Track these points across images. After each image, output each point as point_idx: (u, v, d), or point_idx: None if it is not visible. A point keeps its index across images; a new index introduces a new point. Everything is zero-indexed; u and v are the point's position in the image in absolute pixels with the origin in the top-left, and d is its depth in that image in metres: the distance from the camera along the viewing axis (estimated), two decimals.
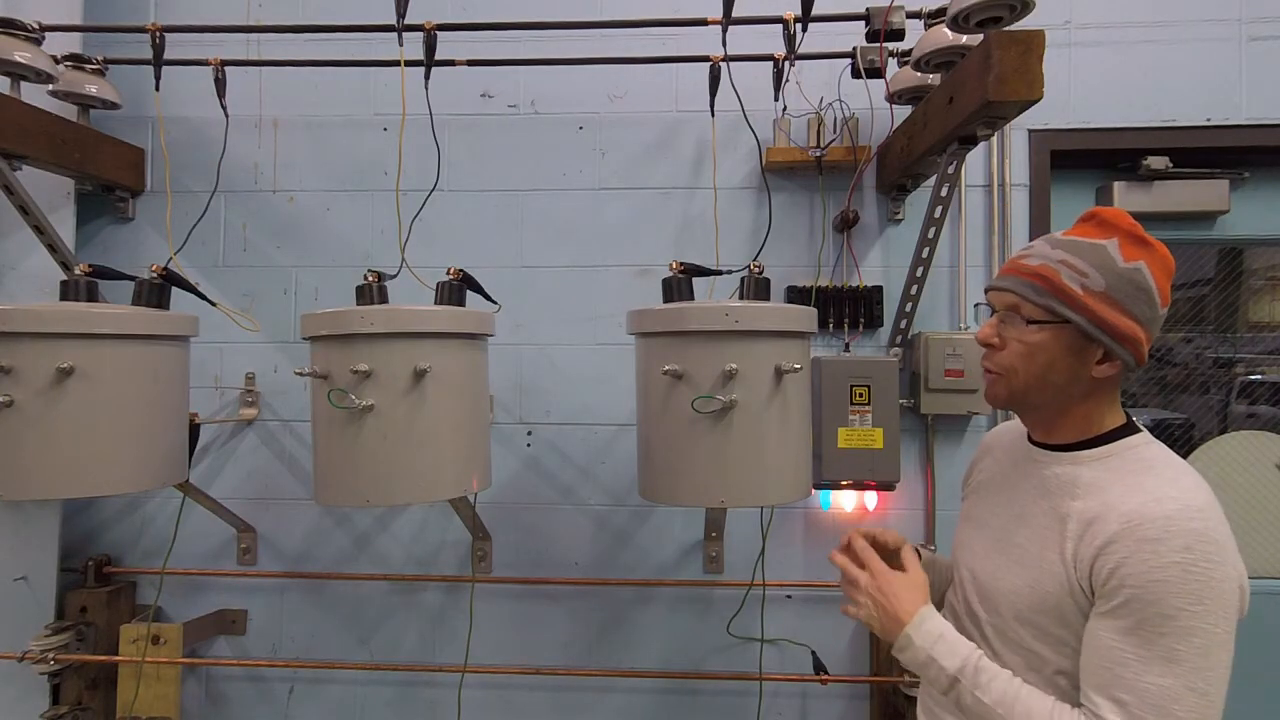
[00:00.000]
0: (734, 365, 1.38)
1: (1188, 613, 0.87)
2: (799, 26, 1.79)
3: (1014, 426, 1.21)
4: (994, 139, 2.04)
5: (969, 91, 1.43)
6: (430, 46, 1.83)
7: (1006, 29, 1.39)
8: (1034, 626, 1.00)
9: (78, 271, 1.65)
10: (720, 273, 1.70)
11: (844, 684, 2.08)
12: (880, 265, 2.11)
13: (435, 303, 1.61)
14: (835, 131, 2.02)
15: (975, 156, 2.08)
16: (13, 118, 1.79)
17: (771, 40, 1.87)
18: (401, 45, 1.78)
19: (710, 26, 1.81)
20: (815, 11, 1.76)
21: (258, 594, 2.19)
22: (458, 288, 1.63)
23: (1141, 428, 1.05)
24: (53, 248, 1.98)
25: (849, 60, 1.91)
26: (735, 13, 1.77)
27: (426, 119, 1.89)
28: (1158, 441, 1.03)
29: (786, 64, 1.87)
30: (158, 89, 1.93)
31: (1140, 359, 1.00)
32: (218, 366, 2.19)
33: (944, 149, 1.63)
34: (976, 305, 2.05)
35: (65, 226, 2.09)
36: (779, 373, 1.41)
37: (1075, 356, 1.00)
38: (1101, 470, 1.00)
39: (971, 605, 1.11)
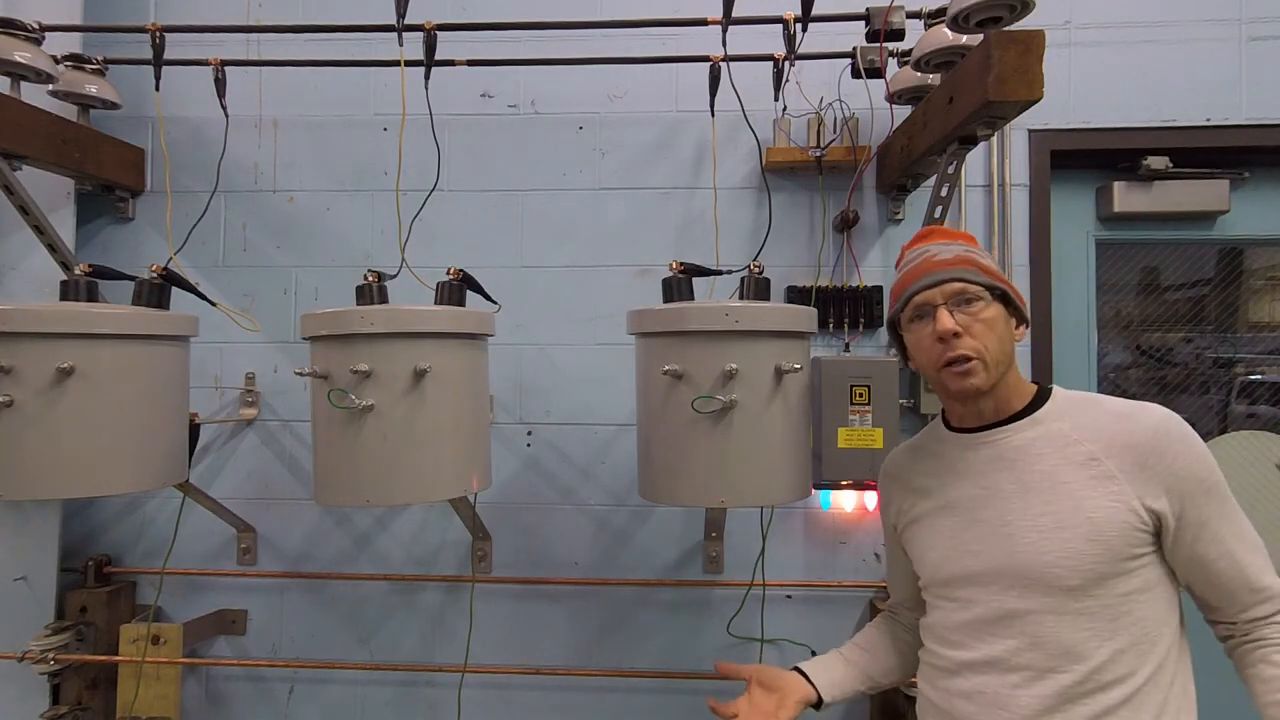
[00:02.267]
0: (734, 365, 1.38)
1: (1217, 474, 1.06)
2: (799, 26, 1.79)
3: (921, 440, 1.28)
4: (994, 139, 2.04)
5: (969, 91, 1.43)
6: (430, 46, 1.83)
7: (1006, 29, 1.38)
8: (1092, 592, 1.03)
9: (78, 271, 1.65)
10: (720, 273, 1.70)
11: None
12: (880, 265, 2.11)
13: (435, 303, 1.61)
14: (835, 131, 2.02)
15: (975, 156, 2.08)
16: (13, 118, 1.79)
17: (771, 40, 1.87)
18: (401, 45, 1.78)
19: (710, 26, 1.81)
20: (815, 11, 1.76)
21: (258, 594, 2.19)
22: (458, 288, 1.63)
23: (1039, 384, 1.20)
24: (53, 248, 1.98)
25: (849, 60, 1.91)
26: (735, 13, 1.77)
27: (426, 119, 1.89)
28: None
29: (786, 64, 1.87)
30: (158, 89, 1.93)
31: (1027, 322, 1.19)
32: (218, 366, 2.19)
33: (944, 149, 1.63)
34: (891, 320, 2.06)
35: (65, 226, 2.09)
36: (779, 373, 1.41)
37: (1008, 325, 1.14)
38: (1070, 418, 1.12)
39: (1010, 606, 1.07)
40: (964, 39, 1.60)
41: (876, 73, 1.89)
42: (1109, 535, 1.02)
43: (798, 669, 1.32)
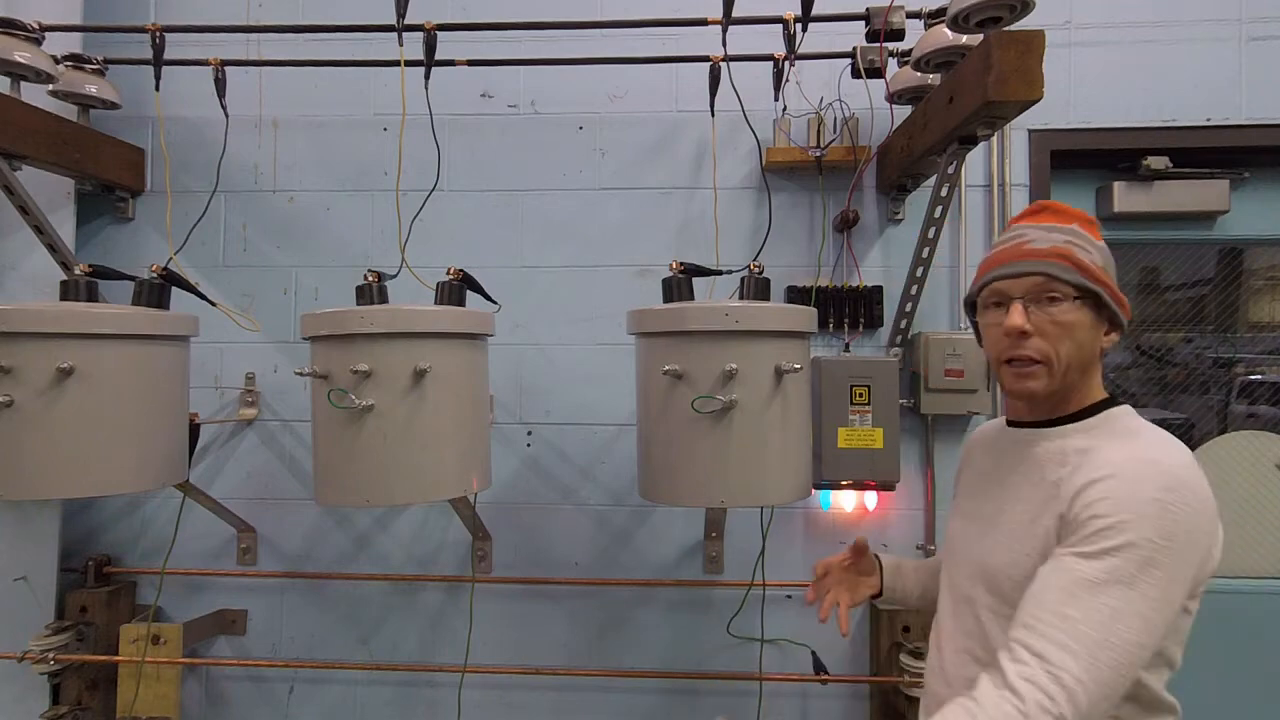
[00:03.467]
0: (734, 365, 1.38)
1: (1155, 545, 0.87)
2: (799, 26, 1.79)
3: (994, 424, 1.24)
4: (994, 139, 2.04)
5: (969, 91, 1.43)
6: (430, 46, 1.83)
7: (1006, 29, 1.39)
8: (1025, 579, 0.99)
9: (78, 271, 1.65)
10: (720, 273, 1.70)
11: (844, 684, 2.08)
12: (880, 265, 2.11)
13: (435, 303, 1.61)
14: (835, 131, 2.02)
15: (975, 156, 2.08)
16: (13, 118, 1.79)
17: (771, 40, 1.87)
18: (401, 45, 1.78)
19: (710, 26, 1.81)
20: (815, 11, 1.76)
21: (258, 594, 2.19)
22: (458, 288, 1.63)
23: (1123, 402, 1.08)
24: (53, 248, 1.98)
25: (849, 60, 1.91)
26: (735, 13, 1.77)
27: (426, 119, 1.89)
28: (1139, 416, 1.06)
29: (786, 64, 1.87)
30: (158, 89, 1.93)
31: (1124, 328, 1.07)
32: (218, 366, 2.19)
33: (944, 149, 1.63)
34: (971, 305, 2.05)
35: (65, 226, 2.09)
36: (779, 373, 1.41)
37: (1094, 329, 1.03)
38: (1089, 439, 1.02)
39: (967, 590, 1.10)
40: (964, 39, 1.60)
41: (876, 73, 1.89)
42: (1039, 558, 0.97)
43: (878, 558, 1.39)
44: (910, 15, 1.80)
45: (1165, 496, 0.89)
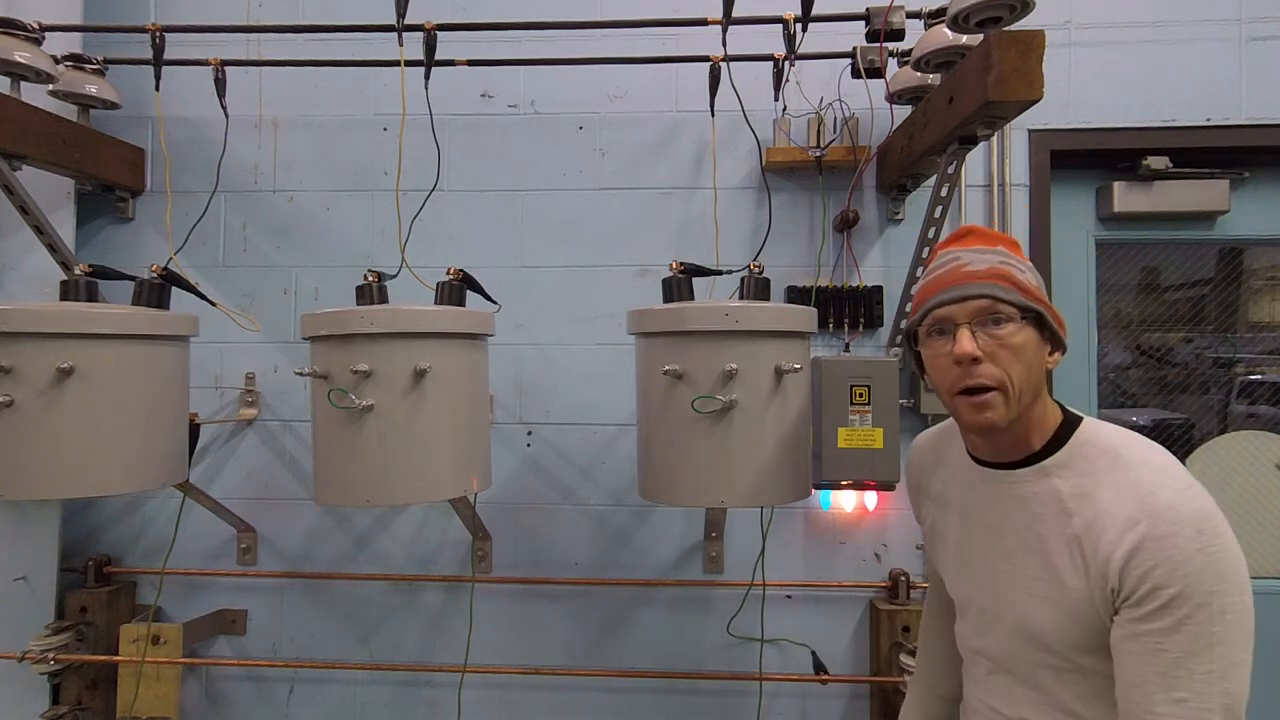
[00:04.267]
0: (734, 365, 1.38)
1: (1218, 594, 0.87)
2: (799, 26, 1.79)
3: (948, 436, 1.21)
4: (994, 139, 2.04)
5: (969, 91, 1.43)
6: (430, 46, 1.83)
7: (1006, 29, 1.38)
8: (1068, 660, 0.98)
9: (78, 271, 1.65)
10: (720, 273, 1.70)
11: (844, 684, 2.08)
12: (880, 265, 2.11)
13: (435, 303, 1.61)
14: (835, 131, 2.02)
15: (975, 156, 2.08)
16: (13, 118, 1.79)
17: (771, 40, 1.87)
18: (401, 45, 1.78)
19: (710, 26, 1.81)
20: (815, 11, 1.76)
21: (258, 594, 2.19)
22: (458, 288, 1.63)
23: (1071, 409, 1.05)
24: (53, 248, 1.98)
25: (849, 60, 1.91)
26: (735, 13, 1.77)
27: (426, 119, 1.89)
28: (1102, 422, 1.03)
29: (786, 64, 1.87)
30: (158, 89, 1.93)
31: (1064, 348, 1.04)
32: (218, 366, 2.19)
33: (944, 149, 1.63)
34: (900, 341, 2.05)
35: (65, 226, 2.09)
36: (779, 373, 1.41)
37: (1040, 350, 1.00)
38: (1076, 477, 0.98)
39: (1012, 651, 1.05)
40: (964, 39, 1.60)
41: (876, 73, 1.89)
42: (1087, 620, 0.96)
43: None
44: (910, 15, 1.80)
45: (1201, 543, 0.88)
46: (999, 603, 1.06)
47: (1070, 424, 1.03)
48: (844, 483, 1.89)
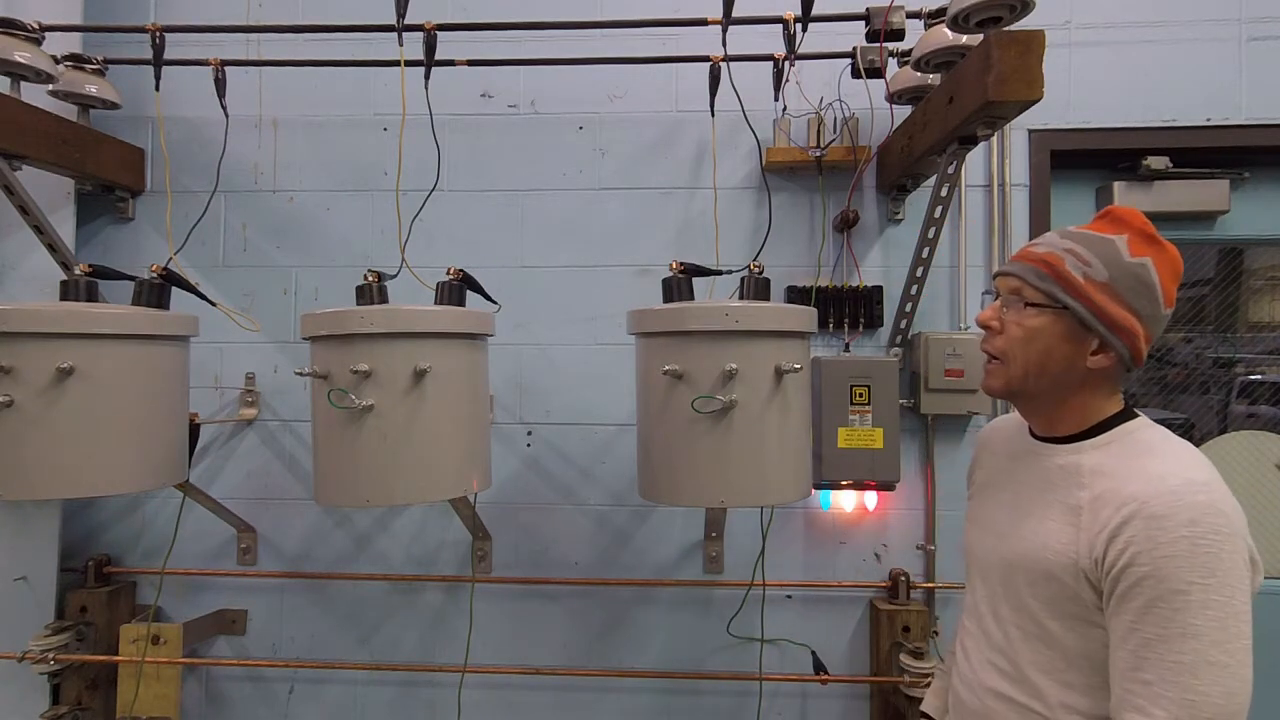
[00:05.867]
0: (734, 365, 1.38)
1: (1200, 586, 0.87)
2: (799, 26, 1.79)
3: (1011, 420, 1.21)
4: (994, 139, 2.04)
5: (969, 91, 1.43)
6: (430, 46, 1.83)
7: (1006, 29, 1.39)
8: (1045, 599, 1.00)
9: (78, 271, 1.65)
10: (720, 273, 1.70)
11: (844, 684, 2.08)
12: (880, 265, 2.11)
13: (435, 303, 1.61)
14: (835, 131, 2.02)
15: (975, 156, 2.08)
16: (13, 118, 1.79)
17: (771, 40, 1.87)
18: (401, 45, 1.77)
19: (710, 26, 1.81)
20: (815, 11, 1.76)
21: (258, 594, 2.19)
22: (458, 288, 1.63)
23: (1139, 413, 1.05)
24: (53, 248, 1.98)
25: (849, 60, 1.91)
26: (735, 13, 1.77)
27: (426, 119, 1.89)
28: (1156, 425, 1.03)
29: (786, 64, 1.87)
30: (158, 89, 1.93)
31: (1137, 354, 1.01)
32: (218, 366, 2.19)
33: (944, 149, 1.63)
34: (984, 293, 2.05)
35: (65, 226, 2.09)
36: (779, 373, 1.41)
37: (1071, 345, 1.01)
38: (1103, 456, 1.00)
39: (993, 605, 1.09)
40: (964, 39, 1.60)
41: (876, 73, 1.89)
42: (1062, 583, 0.98)
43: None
44: (910, 15, 1.80)
45: (1191, 532, 0.88)
46: (986, 541, 1.13)
47: (1123, 417, 1.04)
48: (844, 483, 1.89)
